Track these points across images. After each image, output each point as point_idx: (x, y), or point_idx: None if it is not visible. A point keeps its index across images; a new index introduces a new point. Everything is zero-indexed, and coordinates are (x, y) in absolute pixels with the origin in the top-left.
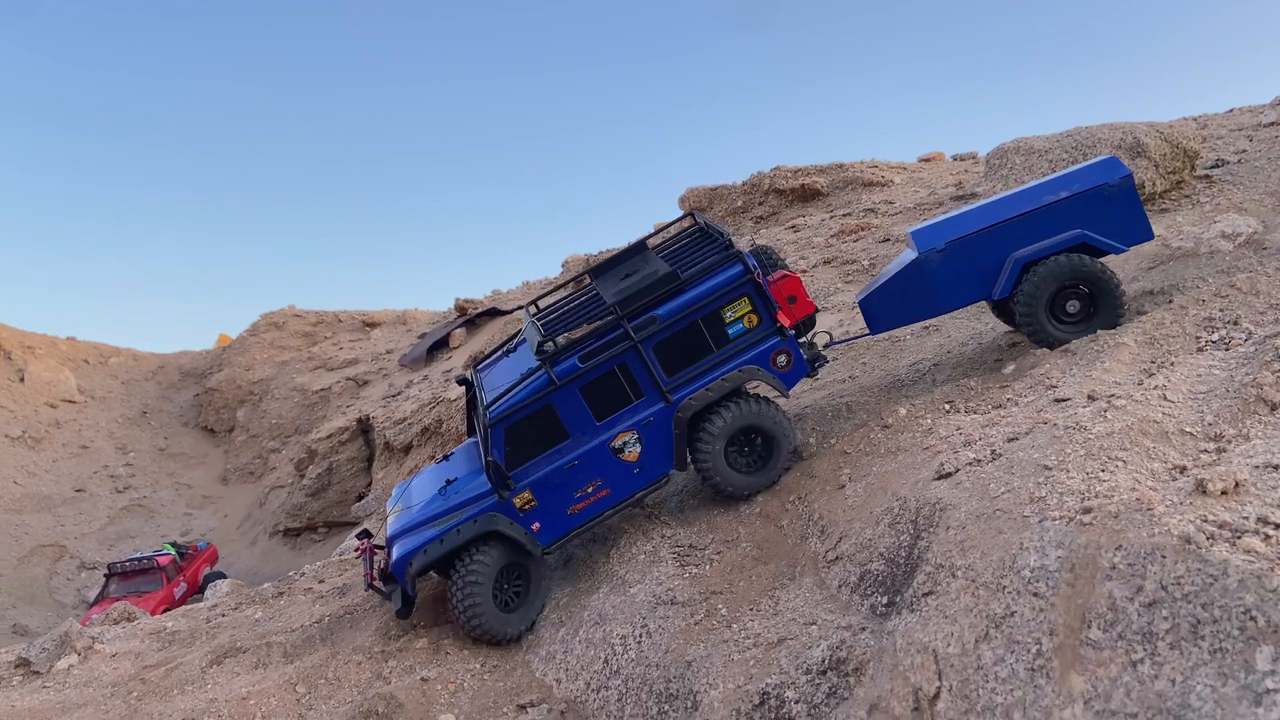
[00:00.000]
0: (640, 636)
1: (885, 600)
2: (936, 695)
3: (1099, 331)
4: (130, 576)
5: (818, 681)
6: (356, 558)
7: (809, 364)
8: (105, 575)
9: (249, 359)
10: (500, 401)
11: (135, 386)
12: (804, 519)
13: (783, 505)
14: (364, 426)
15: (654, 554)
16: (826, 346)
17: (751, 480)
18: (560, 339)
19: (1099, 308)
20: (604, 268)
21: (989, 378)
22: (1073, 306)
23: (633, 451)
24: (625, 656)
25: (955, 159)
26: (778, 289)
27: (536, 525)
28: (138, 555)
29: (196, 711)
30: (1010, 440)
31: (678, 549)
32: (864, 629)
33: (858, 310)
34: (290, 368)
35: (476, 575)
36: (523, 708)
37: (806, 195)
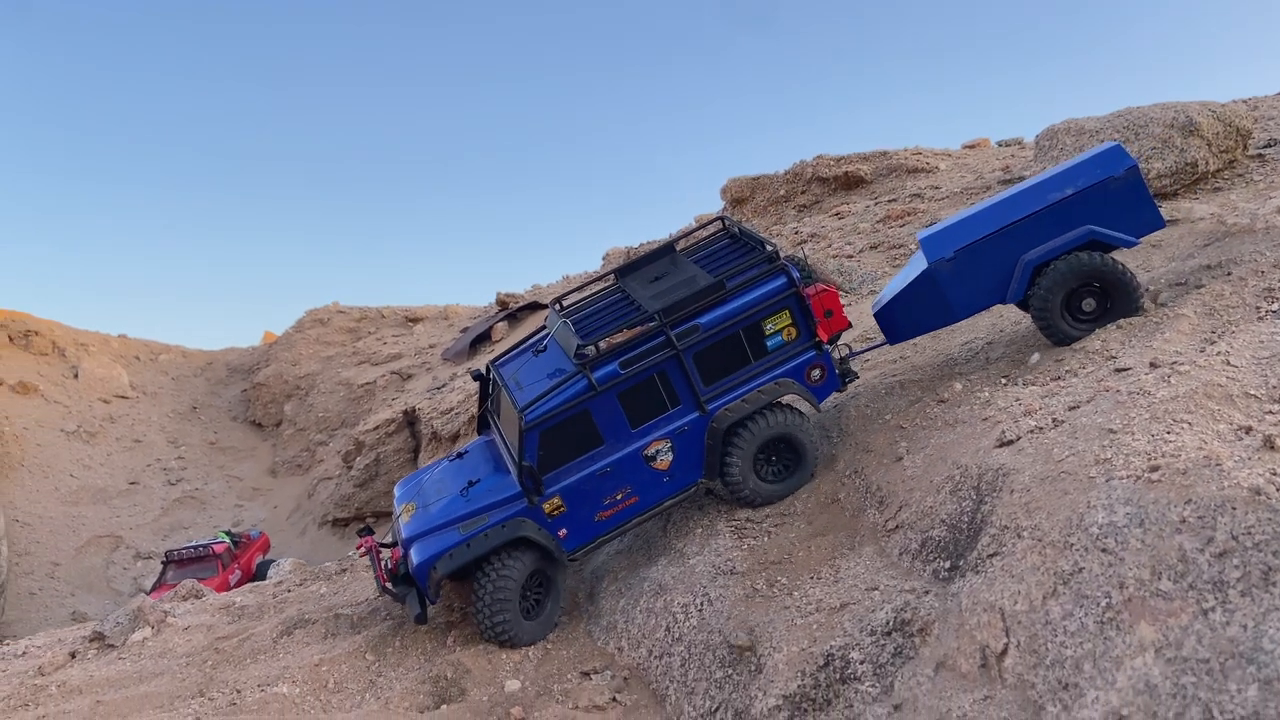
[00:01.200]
0: (701, 605)
1: (948, 565)
2: (1004, 651)
3: (1157, 303)
4: (187, 564)
5: (882, 642)
6: (361, 556)
7: (840, 379)
8: (163, 562)
9: (295, 354)
10: (536, 405)
11: (185, 382)
12: (861, 492)
13: (839, 480)
14: (410, 418)
15: (710, 528)
16: (845, 359)
17: (777, 489)
18: (601, 343)
19: (1115, 303)
20: (631, 268)
21: (1046, 353)
22: (1088, 305)
23: (664, 460)
24: (687, 624)
25: (1001, 145)
26: (817, 302)
27: (563, 531)
28: (194, 543)
29: (271, 678)
30: (1072, 408)
31: (734, 523)
32: (928, 592)
33: None
34: (335, 363)
35: (507, 583)
36: (586, 674)
37: (850, 183)
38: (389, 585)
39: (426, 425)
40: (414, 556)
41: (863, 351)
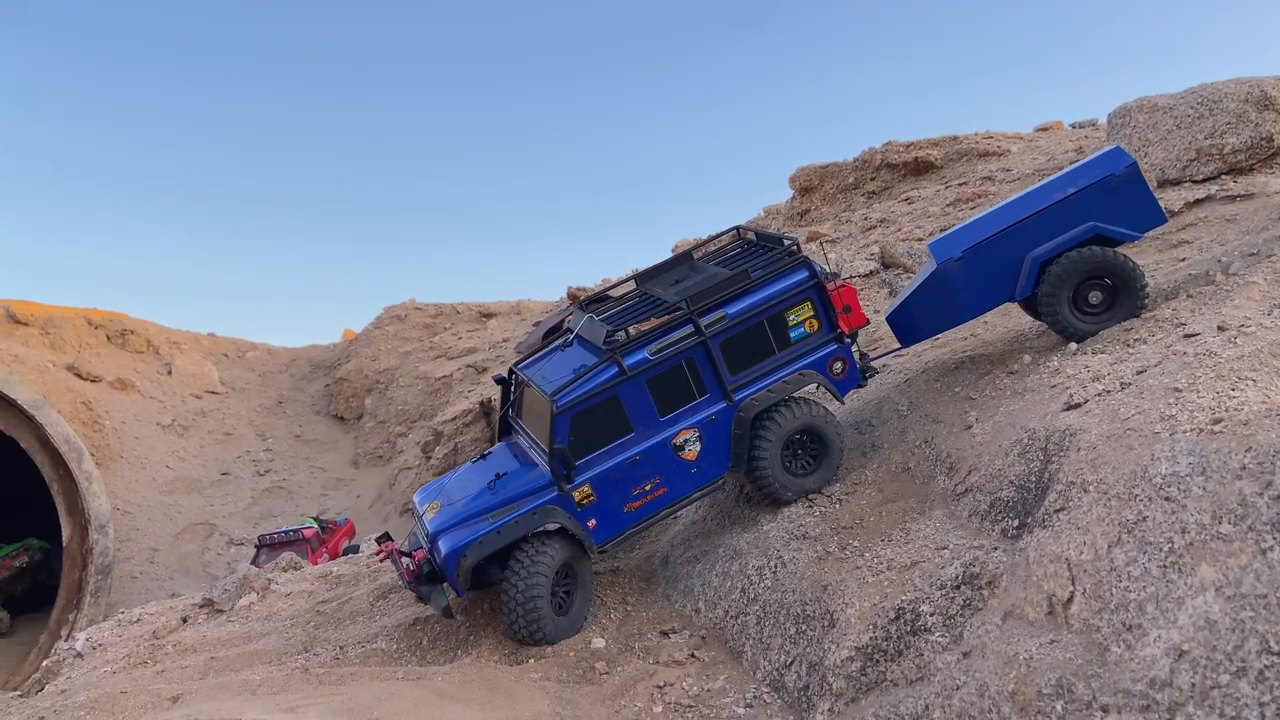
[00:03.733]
0: (775, 567)
1: (1016, 523)
2: (1070, 599)
3: (1228, 273)
4: (278, 547)
5: (952, 595)
6: (380, 561)
7: (861, 374)
8: (256, 546)
9: (374, 350)
10: (567, 390)
11: (271, 378)
12: (931, 460)
13: (909, 450)
14: (486, 409)
15: None
16: (864, 357)
17: (804, 483)
18: (630, 329)
19: (1120, 295)
20: (650, 274)
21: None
22: (1095, 297)
23: (692, 450)
24: (762, 585)
25: (1074, 126)
26: (836, 298)
27: (593, 522)
28: (284, 528)
29: (370, 636)
30: (1139, 372)
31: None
32: (996, 549)
33: None
34: (413, 357)
35: (539, 573)
36: (665, 633)
37: (920, 168)
38: (413, 583)
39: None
40: (443, 546)
41: (879, 357)
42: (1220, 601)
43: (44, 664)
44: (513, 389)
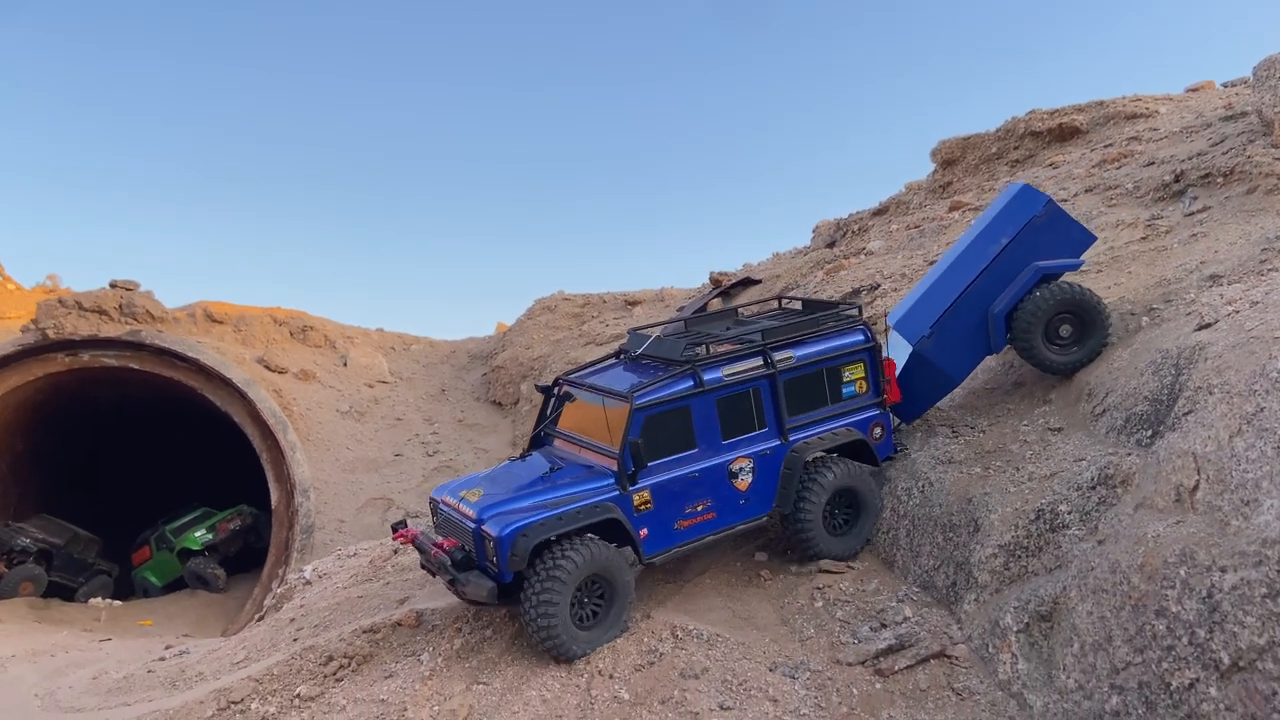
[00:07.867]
0: (924, 487)
1: (1150, 433)
2: (1195, 486)
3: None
4: None
5: (1088, 495)
6: (404, 544)
7: (893, 446)
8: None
9: (527, 339)
10: (645, 391)
11: (433, 369)
12: (1071, 390)
13: (1050, 384)
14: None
15: (930, 430)
16: (897, 429)
17: (837, 544)
18: (710, 347)
19: (1087, 322)
20: (694, 320)
21: (1258, 256)
22: (1065, 331)
23: (745, 480)
24: (910, 503)
25: (1226, 85)
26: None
27: (645, 531)
28: None
29: None
30: (1268, 293)
31: (950, 424)
32: (1130, 454)
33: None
34: (564, 345)
35: (562, 574)
36: None
37: (1064, 134)
38: (443, 567)
39: None
40: (494, 528)
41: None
42: None
43: (278, 590)
44: (553, 401)
